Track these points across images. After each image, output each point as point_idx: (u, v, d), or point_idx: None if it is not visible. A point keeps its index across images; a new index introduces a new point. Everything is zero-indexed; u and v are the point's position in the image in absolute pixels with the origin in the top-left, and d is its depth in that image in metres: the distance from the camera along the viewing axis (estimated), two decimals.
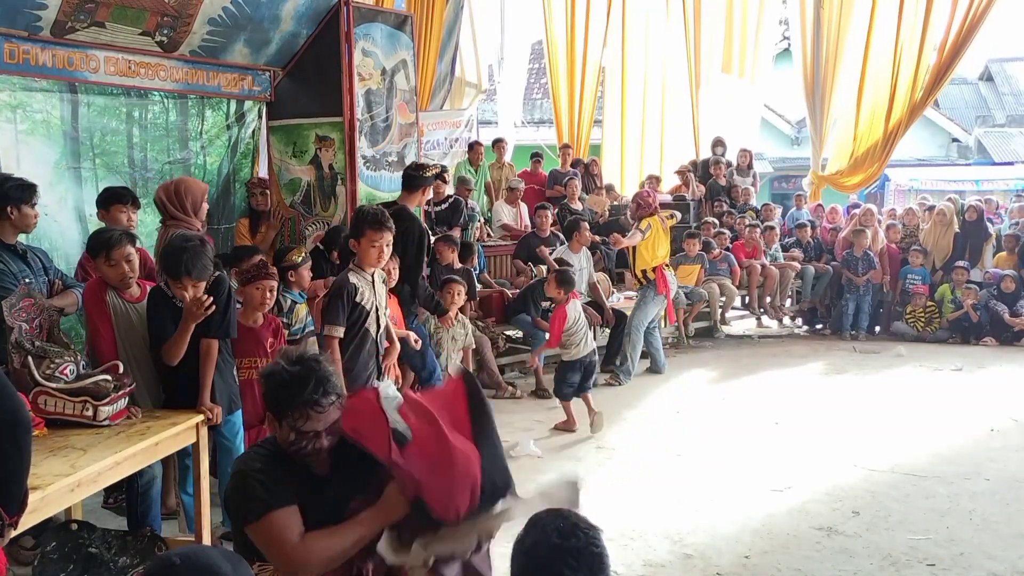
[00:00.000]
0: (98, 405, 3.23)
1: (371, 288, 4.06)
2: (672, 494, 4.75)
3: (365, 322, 4.00)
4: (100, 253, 3.65)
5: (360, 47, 6.06)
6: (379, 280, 4.17)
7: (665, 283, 7.44)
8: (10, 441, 2.04)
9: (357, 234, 4.07)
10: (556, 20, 12.49)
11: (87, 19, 4.87)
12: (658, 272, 7.43)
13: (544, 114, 18.57)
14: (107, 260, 3.64)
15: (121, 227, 3.90)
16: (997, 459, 5.29)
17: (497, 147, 10.62)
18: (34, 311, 3.53)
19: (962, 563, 3.83)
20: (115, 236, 3.67)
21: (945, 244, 9.72)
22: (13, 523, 2.12)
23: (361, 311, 3.99)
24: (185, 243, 3.56)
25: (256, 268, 4.20)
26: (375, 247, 3.97)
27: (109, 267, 3.65)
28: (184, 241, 3.59)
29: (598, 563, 1.83)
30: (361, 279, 4.03)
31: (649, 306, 7.52)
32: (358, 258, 4.11)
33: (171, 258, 3.56)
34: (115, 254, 3.63)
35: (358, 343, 4.00)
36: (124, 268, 3.65)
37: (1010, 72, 23.64)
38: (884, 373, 7.82)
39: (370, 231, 3.97)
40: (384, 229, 3.96)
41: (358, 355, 3.99)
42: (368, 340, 4.03)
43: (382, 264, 4.10)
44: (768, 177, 19.92)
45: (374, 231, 3.96)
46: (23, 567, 3.56)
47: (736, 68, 13.05)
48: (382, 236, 3.96)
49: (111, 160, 5.43)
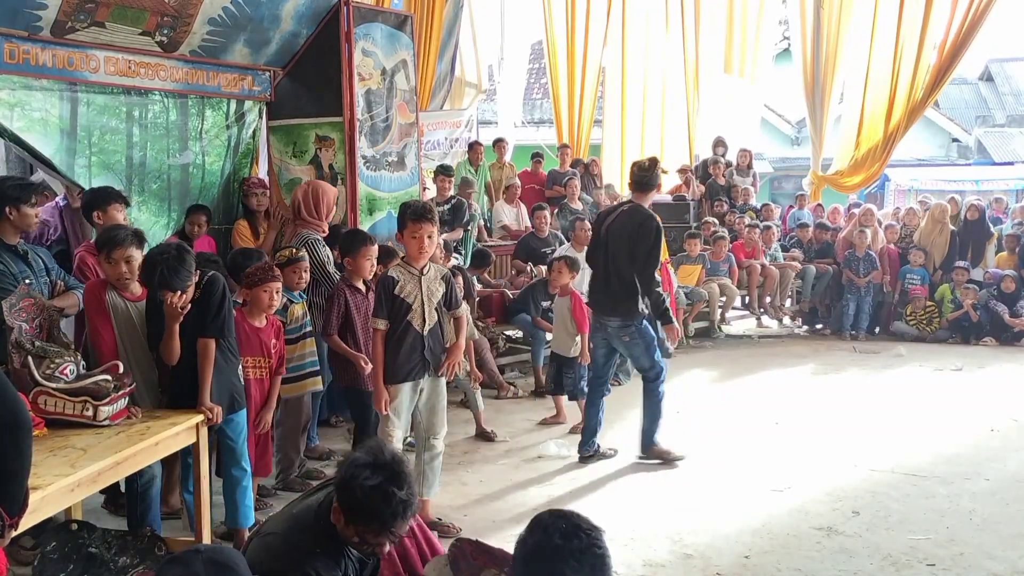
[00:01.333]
0: (98, 405, 3.23)
1: (416, 282, 4.02)
2: (672, 494, 4.75)
3: (407, 315, 3.99)
4: (103, 249, 3.67)
5: (360, 47, 6.06)
6: (434, 275, 4.09)
7: (668, 280, 7.35)
8: (10, 441, 2.04)
9: (400, 226, 4.08)
10: (556, 20, 12.50)
11: (87, 19, 4.87)
12: (662, 269, 7.37)
13: (544, 114, 18.57)
14: (107, 258, 3.65)
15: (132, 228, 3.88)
16: (997, 459, 5.29)
17: (497, 147, 10.62)
18: (34, 311, 3.53)
19: (962, 563, 3.82)
20: (121, 235, 3.67)
21: (942, 243, 9.72)
22: (14, 524, 2.13)
23: (402, 304, 3.98)
24: (160, 255, 3.50)
25: (262, 271, 4.21)
26: (416, 239, 3.97)
27: (108, 264, 3.66)
28: (159, 253, 3.53)
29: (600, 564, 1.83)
30: (405, 272, 4.02)
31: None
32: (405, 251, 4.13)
33: (148, 270, 3.53)
34: (116, 253, 3.64)
35: (399, 336, 3.99)
36: (122, 268, 3.65)
37: (1010, 72, 23.63)
38: (884, 373, 7.82)
39: (411, 223, 3.97)
40: (424, 221, 3.95)
41: (399, 348, 3.99)
42: (411, 334, 4.00)
43: (426, 257, 4.04)
44: (768, 177, 19.92)
45: (414, 223, 3.96)
46: (23, 567, 3.55)
47: (736, 68, 13.06)
48: (421, 228, 3.95)
49: (108, 159, 5.42)
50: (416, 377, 4.06)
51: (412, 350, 4.02)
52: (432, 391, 4.16)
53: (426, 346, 4.04)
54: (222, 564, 2.02)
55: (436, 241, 4.08)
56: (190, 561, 1.99)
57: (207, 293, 3.63)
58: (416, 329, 4.01)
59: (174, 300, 3.47)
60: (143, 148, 5.67)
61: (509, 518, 4.34)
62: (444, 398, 4.24)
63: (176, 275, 3.45)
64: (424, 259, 4.04)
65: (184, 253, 3.53)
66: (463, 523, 4.24)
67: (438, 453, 4.24)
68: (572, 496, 4.73)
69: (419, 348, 4.03)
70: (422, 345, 4.03)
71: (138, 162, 5.64)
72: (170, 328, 3.53)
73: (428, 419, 4.19)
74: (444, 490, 4.76)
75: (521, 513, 4.36)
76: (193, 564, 1.98)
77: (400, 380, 4.03)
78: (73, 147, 5.21)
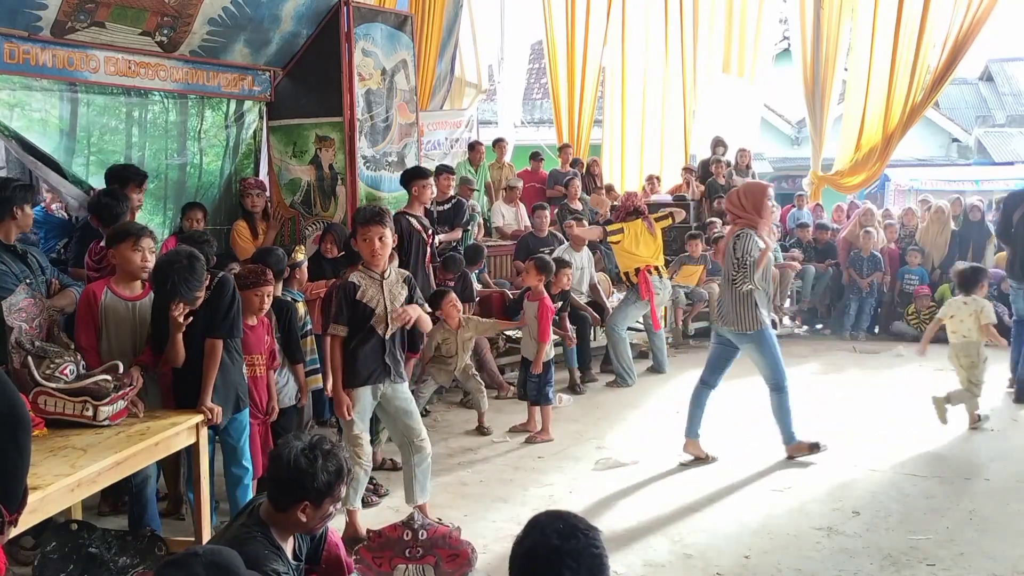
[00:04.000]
0: (98, 405, 3.23)
1: (378, 286, 4.00)
2: (672, 494, 4.75)
3: (370, 320, 3.99)
4: (128, 237, 3.69)
5: (360, 47, 6.06)
6: (395, 279, 4.08)
7: (648, 288, 7.19)
8: (9, 438, 2.04)
9: (353, 233, 4.10)
10: (556, 20, 12.49)
11: (87, 19, 4.87)
12: (640, 276, 7.22)
13: (544, 114, 18.57)
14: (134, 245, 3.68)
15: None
16: (997, 459, 5.28)
17: (498, 147, 10.62)
18: (34, 311, 3.53)
19: (962, 563, 3.82)
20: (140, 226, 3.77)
21: (942, 243, 9.72)
22: (13, 521, 2.13)
23: (364, 309, 3.97)
24: (171, 264, 3.49)
25: (255, 275, 4.20)
26: (367, 241, 3.95)
27: (133, 252, 3.68)
28: (170, 263, 3.51)
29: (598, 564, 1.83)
30: (366, 278, 4.01)
31: (629, 309, 7.40)
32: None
33: (159, 278, 3.54)
34: (143, 242, 3.70)
35: (361, 340, 3.98)
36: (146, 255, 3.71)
37: (1010, 72, 23.64)
38: (884, 373, 7.81)
39: (361, 227, 3.97)
40: (373, 223, 3.93)
41: (359, 353, 3.98)
42: (373, 338, 3.99)
43: (381, 260, 4.00)
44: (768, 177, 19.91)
45: (364, 226, 3.95)
46: (23, 567, 3.56)
47: (736, 68, 13.06)
48: (371, 230, 3.93)
49: (107, 159, 5.42)
50: (377, 381, 4.03)
51: (374, 354, 3.99)
52: (396, 396, 4.12)
53: (387, 351, 4.03)
54: (221, 566, 2.01)
55: (389, 243, 4.03)
56: (189, 564, 1.99)
57: (217, 294, 3.65)
58: (379, 334, 4.00)
59: (176, 313, 3.48)
60: (141, 148, 5.68)
61: (509, 518, 4.34)
62: (412, 400, 4.23)
63: (187, 285, 3.48)
64: (381, 262, 4.00)
65: (195, 261, 3.53)
66: (463, 523, 4.23)
67: (428, 454, 4.22)
68: (572, 496, 4.73)
69: (380, 352, 4.01)
70: (383, 349, 4.02)
71: (136, 162, 5.64)
72: (174, 336, 3.55)
73: (405, 424, 4.16)
74: (444, 490, 4.77)
75: (521, 513, 4.36)
76: (192, 567, 1.97)
77: (361, 384, 4.00)
78: (72, 147, 5.22)
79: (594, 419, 6.31)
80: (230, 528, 2.75)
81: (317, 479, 2.54)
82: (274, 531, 2.61)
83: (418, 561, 3.35)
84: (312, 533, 2.76)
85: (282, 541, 2.64)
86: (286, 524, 2.62)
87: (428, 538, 3.40)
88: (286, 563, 2.60)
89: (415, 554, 3.36)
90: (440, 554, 3.38)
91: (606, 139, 13.54)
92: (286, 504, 2.58)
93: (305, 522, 2.61)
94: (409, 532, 3.41)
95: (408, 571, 3.34)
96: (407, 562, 3.34)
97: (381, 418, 4.27)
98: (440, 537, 3.43)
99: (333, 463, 2.59)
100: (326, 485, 2.57)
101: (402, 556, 3.34)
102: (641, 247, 7.28)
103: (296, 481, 2.54)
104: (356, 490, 4.09)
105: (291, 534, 2.68)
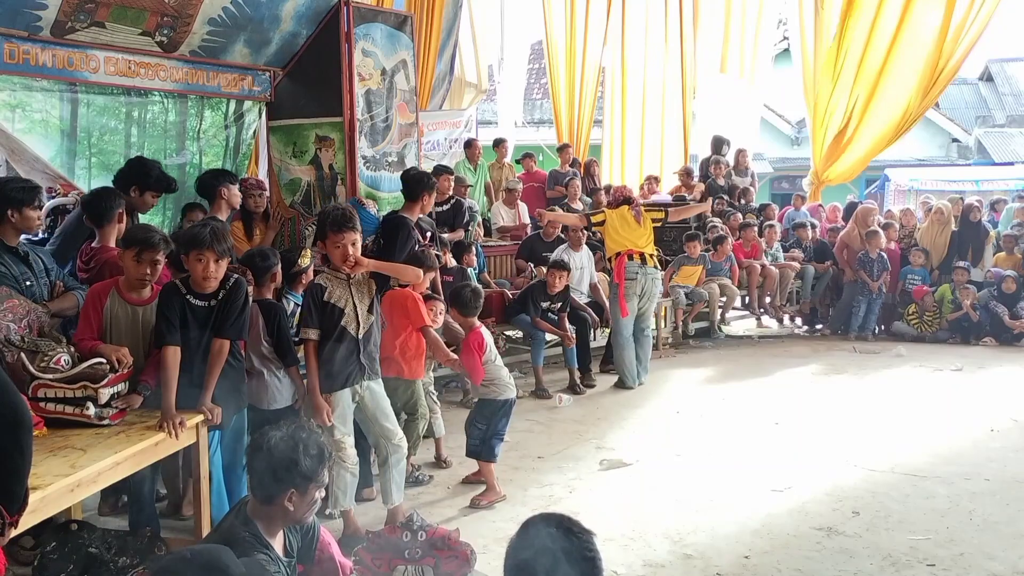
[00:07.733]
0: (98, 388, 3.23)
1: (345, 286, 4.00)
2: (672, 494, 4.75)
3: (341, 321, 3.98)
4: (133, 246, 3.62)
5: (360, 47, 6.06)
6: (362, 278, 4.06)
7: (620, 271, 7.08)
8: (11, 440, 2.04)
9: (321, 236, 4.05)
10: (556, 20, 12.49)
11: (87, 19, 4.87)
12: (617, 260, 7.13)
13: (544, 114, 18.59)
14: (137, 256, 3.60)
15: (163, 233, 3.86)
16: (997, 459, 5.29)
17: (499, 148, 10.61)
18: (21, 311, 3.52)
19: (962, 563, 3.82)
20: (155, 239, 3.65)
21: (942, 243, 9.72)
22: (13, 522, 2.13)
23: (334, 310, 3.97)
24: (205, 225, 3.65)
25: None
26: (339, 248, 3.94)
27: (135, 263, 3.61)
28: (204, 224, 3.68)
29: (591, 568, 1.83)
30: (332, 279, 4.01)
31: (614, 305, 7.28)
32: None
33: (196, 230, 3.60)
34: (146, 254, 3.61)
35: (335, 341, 3.98)
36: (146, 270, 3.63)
37: (1010, 72, 23.67)
38: (884, 373, 7.81)
39: (332, 233, 3.94)
40: (345, 230, 3.92)
41: (335, 355, 3.98)
42: (346, 339, 3.99)
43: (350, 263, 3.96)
44: (768, 177, 19.93)
45: (335, 233, 3.93)
46: (23, 567, 3.56)
47: (735, 68, 13.06)
48: (343, 236, 3.92)
49: (108, 159, 5.43)
50: (354, 382, 4.03)
51: (348, 355, 3.99)
52: (373, 396, 4.12)
53: (362, 350, 4.03)
54: (213, 568, 1.99)
55: (359, 248, 4.02)
56: (181, 570, 1.97)
57: (231, 297, 3.65)
58: (351, 334, 3.99)
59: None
60: (141, 148, 5.68)
61: (508, 518, 4.34)
62: (387, 399, 4.22)
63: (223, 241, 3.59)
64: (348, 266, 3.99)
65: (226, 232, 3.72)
66: (463, 523, 4.24)
67: (404, 453, 4.23)
68: (572, 496, 4.73)
69: (355, 352, 4.01)
70: (358, 349, 4.01)
71: None
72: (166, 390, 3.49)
73: (382, 424, 4.15)
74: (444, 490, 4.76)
75: (520, 513, 4.35)
76: (185, 572, 1.96)
77: (339, 387, 4.00)
78: (73, 148, 5.23)
79: (594, 419, 6.31)
80: (218, 530, 2.74)
81: (301, 464, 2.54)
82: (262, 527, 2.59)
83: (417, 562, 3.36)
84: (301, 523, 2.74)
85: (271, 537, 2.62)
86: (274, 517, 2.61)
87: (427, 539, 3.41)
88: (275, 560, 2.59)
89: (414, 555, 3.37)
90: (439, 555, 3.39)
91: (606, 139, 13.55)
92: (272, 496, 2.57)
93: (293, 511, 2.59)
94: (408, 533, 3.41)
95: (407, 572, 3.35)
96: (406, 563, 3.35)
97: (356, 418, 4.19)
98: (439, 538, 3.43)
99: (314, 446, 2.60)
100: (310, 470, 2.57)
101: (401, 557, 3.35)
102: (623, 229, 7.22)
103: (279, 470, 2.53)
104: (345, 492, 4.09)
105: (280, 528, 2.67)
